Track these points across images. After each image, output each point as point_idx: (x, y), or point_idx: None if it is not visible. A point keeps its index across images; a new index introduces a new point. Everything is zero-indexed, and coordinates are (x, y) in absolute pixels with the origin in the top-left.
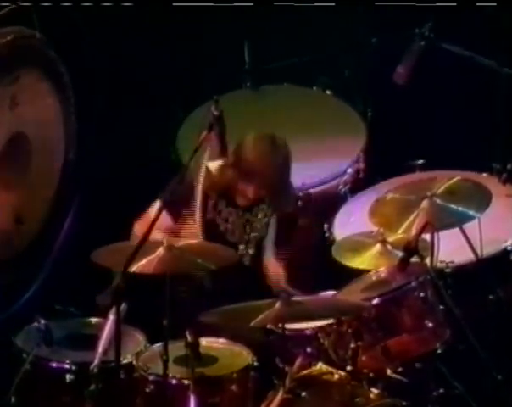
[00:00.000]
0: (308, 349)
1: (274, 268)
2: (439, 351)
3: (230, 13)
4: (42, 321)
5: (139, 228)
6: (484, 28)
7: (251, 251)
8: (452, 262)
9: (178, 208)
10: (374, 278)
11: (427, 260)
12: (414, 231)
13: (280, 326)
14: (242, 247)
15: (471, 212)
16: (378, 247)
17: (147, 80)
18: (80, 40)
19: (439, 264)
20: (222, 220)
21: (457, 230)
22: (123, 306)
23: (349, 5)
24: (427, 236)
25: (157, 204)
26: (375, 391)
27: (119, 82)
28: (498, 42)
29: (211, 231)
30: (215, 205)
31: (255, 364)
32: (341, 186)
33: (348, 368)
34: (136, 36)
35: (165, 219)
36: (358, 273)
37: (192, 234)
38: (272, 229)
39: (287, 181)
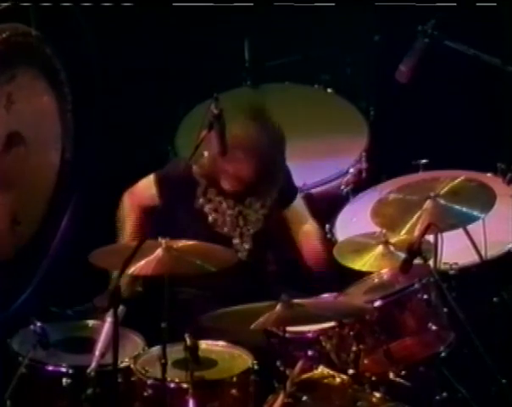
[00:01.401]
0: (310, 352)
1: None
2: (443, 354)
3: (230, 12)
4: (38, 324)
5: (128, 200)
6: (486, 27)
7: (247, 245)
8: (456, 264)
9: (169, 188)
10: (376, 280)
11: (430, 262)
12: (417, 232)
13: (281, 328)
14: (236, 240)
15: (475, 213)
16: (380, 248)
17: (146, 79)
18: (79, 37)
19: (443, 266)
20: (211, 209)
21: (461, 231)
22: (121, 308)
23: (350, 3)
24: (430, 238)
25: (149, 178)
26: (377, 395)
27: (118, 81)
28: (502, 41)
29: (199, 221)
30: (205, 192)
31: (255, 367)
32: (343, 187)
33: (350, 371)
34: (136, 34)
35: (151, 194)
36: (360, 275)
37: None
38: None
39: (280, 166)
